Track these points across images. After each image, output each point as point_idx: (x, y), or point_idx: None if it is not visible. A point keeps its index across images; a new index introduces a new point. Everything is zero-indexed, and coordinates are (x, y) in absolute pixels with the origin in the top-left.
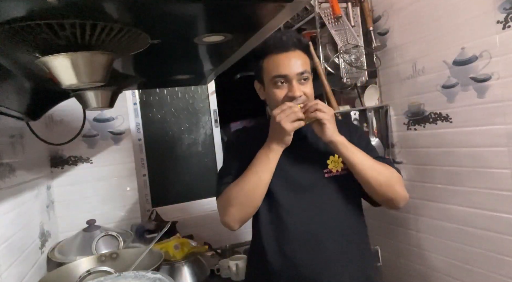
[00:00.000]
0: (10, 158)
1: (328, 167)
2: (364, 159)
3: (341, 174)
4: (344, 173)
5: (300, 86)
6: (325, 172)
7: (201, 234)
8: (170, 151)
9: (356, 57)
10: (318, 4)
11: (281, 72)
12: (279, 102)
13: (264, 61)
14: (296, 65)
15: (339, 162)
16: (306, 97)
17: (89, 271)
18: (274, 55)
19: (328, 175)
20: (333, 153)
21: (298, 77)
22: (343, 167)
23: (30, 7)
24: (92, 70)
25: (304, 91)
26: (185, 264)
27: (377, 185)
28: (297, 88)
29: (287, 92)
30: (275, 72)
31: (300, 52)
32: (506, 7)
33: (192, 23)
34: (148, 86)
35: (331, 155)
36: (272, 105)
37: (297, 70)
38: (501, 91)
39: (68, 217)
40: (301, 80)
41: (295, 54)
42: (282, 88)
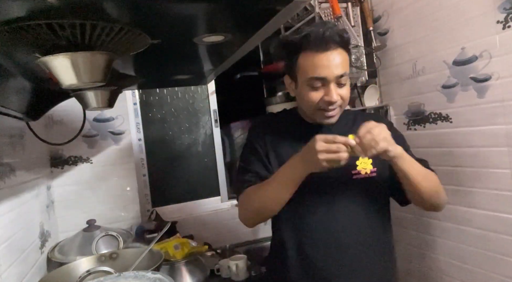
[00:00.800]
0: (10, 158)
1: (357, 168)
2: (419, 171)
3: (370, 177)
4: (374, 175)
5: (338, 89)
6: (354, 173)
7: (201, 234)
8: (170, 151)
9: (356, 57)
10: (318, 4)
11: (319, 75)
12: (313, 105)
13: (300, 58)
14: (336, 67)
15: (368, 163)
16: (343, 101)
17: (89, 271)
18: (313, 53)
19: (356, 177)
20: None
21: (337, 80)
22: (372, 169)
23: (30, 7)
24: (92, 70)
25: (341, 94)
26: (185, 264)
27: (427, 195)
28: (335, 92)
29: (323, 96)
30: (312, 73)
31: (341, 50)
32: (506, 7)
33: (192, 23)
34: (148, 86)
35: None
36: (304, 106)
37: (337, 73)
38: (501, 91)
39: (68, 217)
40: (339, 83)
41: (335, 54)
42: (318, 91)
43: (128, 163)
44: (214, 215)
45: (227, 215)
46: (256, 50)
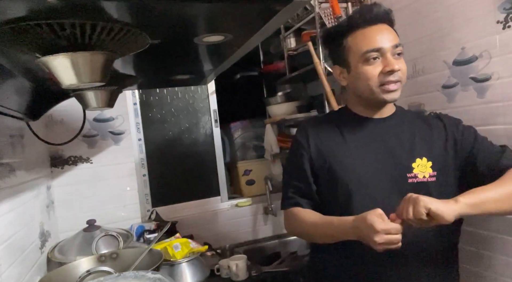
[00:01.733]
0: (10, 158)
1: (414, 171)
2: (495, 201)
3: (429, 181)
4: (433, 180)
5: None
6: (409, 177)
7: (201, 234)
8: (170, 151)
9: None
10: (318, 4)
11: (375, 45)
12: (374, 81)
13: (349, 39)
14: (390, 37)
15: (427, 166)
16: (403, 74)
17: (89, 271)
18: (363, 29)
19: (412, 180)
20: (421, 155)
21: (392, 50)
22: (431, 173)
23: (30, 7)
24: (92, 70)
25: (400, 66)
26: (185, 264)
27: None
28: (393, 62)
29: (383, 68)
30: (367, 46)
31: (388, 26)
32: (506, 7)
33: (192, 23)
34: (148, 86)
35: (419, 157)
36: (363, 86)
37: (392, 42)
38: (501, 91)
39: (68, 217)
40: (395, 55)
41: (386, 27)
42: (375, 64)
43: (128, 163)
44: (214, 215)
45: (227, 215)
46: (256, 50)
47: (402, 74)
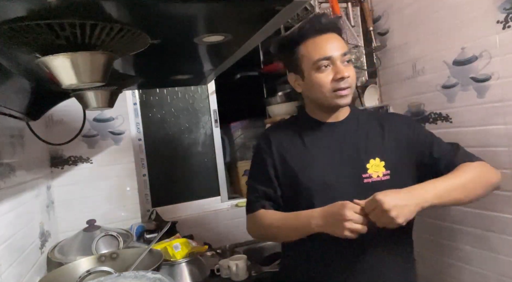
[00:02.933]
0: (10, 158)
1: (368, 171)
2: (455, 190)
3: (382, 180)
4: (387, 178)
5: (344, 68)
6: (365, 177)
7: (201, 234)
8: (170, 151)
9: (356, 57)
10: (318, 4)
11: (325, 54)
12: (326, 88)
13: (302, 48)
14: (339, 46)
15: (380, 166)
16: (352, 81)
17: (89, 271)
18: (314, 38)
19: (367, 181)
20: (374, 156)
21: (342, 58)
22: (384, 172)
23: (30, 7)
24: (92, 70)
25: (349, 73)
26: (185, 264)
27: (477, 197)
28: (342, 69)
29: (334, 75)
30: (318, 55)
31: (336, 35)
32: (506, 7)
33: (192, 23)
34: (148, 86)
35: (372, 158)
36: (316, 93)
37: (341, 51)
38: (501, 91)
39: (68, 217)
40: (344, 62)
41: (335, 36)
42: (327, 72)
43: (128, 163)
44: (214, 215)
45: (227, 215)
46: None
47: (352, 80)
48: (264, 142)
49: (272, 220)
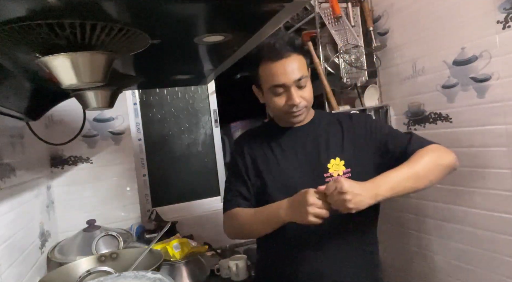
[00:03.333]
0: (10, 158)
1: (329, 171)
2: (408, 180)
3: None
4: (348, 176)
5: (299, 92)
6: (326, 177)
7: (201, 234)
8: (170, 151)
9: (356, 57)
10: (318, 4)
11: (279, 82)
12: (280, 110)
13: (260, 69)
14: (293, 72)
15: (340, 165)
16: (306, 102)
17: (89, 271)
18: (270, 63)
19: (329, 180)
20: (335, 156)
21: (295, 84)
22: (344, 170)
23: (30, 7)
24: (92, 70)
25: (303, 96)
26: (185, 264)
27: (431, 183)
28: (296, 96)
29: (287, 100)
30: (272, 82)
31: (296, 55)
32: (506, 7)
33: (192, 23)
34: (148, 86)
35: (332, 158)
36: (273, 110)
37: (294, 78)
38: (501, 91)
39: (68, 217)
40: (300, 86)
41: (290, 60)
42: (281, 96)
43: (128, 163)
44: (214, 215)
45: None
46: None
47: (306, 101)
48: (236, 149)
49: (246, 215)
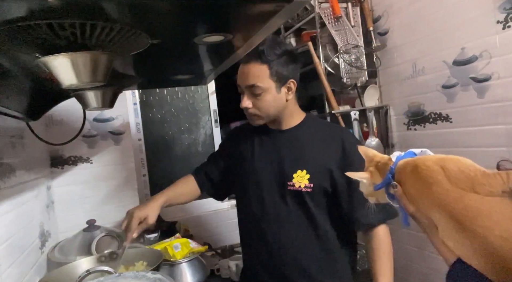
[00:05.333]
0: (10, 158)
1: (293, 180)
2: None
3: (303, 191)
4: (308, 191)
5: (253, 98)
6: (289, 185)
7: (201, 234)
8: (170, 151)
9: (356, 57)
10: (318, 4)
11: (238, 82)
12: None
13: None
14: (246, 78)
15: (305, 178)
16: (256, 110)
17: (89, 271)
18: (241, 64)
19: (290, 188)
20: (302, 167)
21: (248, 89)
22: (307, 185)
23: (30, 7)
24: (92, 70)
25: (255, 103)
26: (185, 264)
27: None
28: (244, 100)
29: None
30: (237, 80)
31: (256, 63)
32: (506, 7)
33: (192, 23)
34: (148, 86)
35: (300, 169)
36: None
37: (245, 83)
38: (501, 91)
39: (68, 217)
40: (253, 93)
41: (249, 66)
42: (242, 97)
43: (128, 163)
44: (214, 215)
45: (227, 215)
46: None
47: (257, 109)
48: (227, 137)
49: (182, 183)
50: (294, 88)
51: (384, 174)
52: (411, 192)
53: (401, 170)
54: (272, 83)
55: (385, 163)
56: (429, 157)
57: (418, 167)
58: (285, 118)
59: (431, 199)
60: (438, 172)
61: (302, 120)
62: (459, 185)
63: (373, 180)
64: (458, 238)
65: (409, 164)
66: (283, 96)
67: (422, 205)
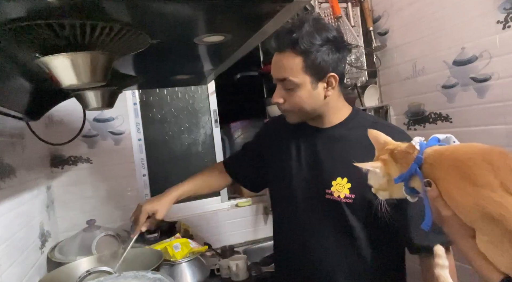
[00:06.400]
0: (10, 158)
1: (331, 188)
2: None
3: (342, 202)
4: (349, 201)
5: (284, 92)
6: (327, 193)
7: (201, 234)
8: (170, 151)
9: (356, 57)
10: (318, 4)
11: (272, 74)
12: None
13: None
14: (278, 70)
15: (345, 187)
16: (289, 106)
17: (89, 271)
18: (274, 54)
19: (329, 197)
20: (343, 175)
21: (280, 82)
22: (347, 195)
23: (30, 7)
24: (92, 70)
25: (288, 99)
26: (185, 264)
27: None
28: (276, 94)
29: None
30: (272, 72)
31: (290, 52)
32: (506, 7)
33: (192, 23)
34: (148, 86)
35: (340, 176)
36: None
37: (276, 76)
38: (501, 91)
39: (68, 217)
40: (285, 87)
41: (281, 56)
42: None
43: (128, 163)
44: (214, 215)
45: (227, 215)
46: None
47: (289, 105)
48: (265, 127)
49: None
50: (335, 83)
51: (403, 164)
52: (450, 192)
53: (433, 161)
54: (307, 78)
55: (405, 151)
56: (470, 148)
57: (462, 162)
58: (326, 115)
59: (480, 205)
60: (489, 170)
61: (347, 117)
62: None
63: (388, 170)
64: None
65: (444, 155)
66: (321, 92)
67: (463, 209)
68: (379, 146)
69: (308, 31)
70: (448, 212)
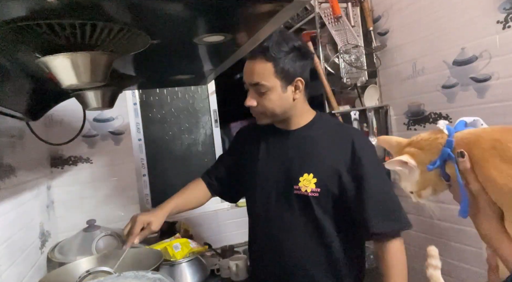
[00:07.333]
0: (10, 158)
1: (299, 184)
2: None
3: (309, 195)
4: (315, 195)
5: (257, 96)
6: (295, 188)
7: (201, 234)
8: (170, 151)
9: (356, 57)
10: (318, 4)
11: (244, 78)
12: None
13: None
14: (250, 75)
15: (311, 182)
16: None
17: (89, 271)
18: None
19: (297, 192)
20: (309, 171)
21: (252, 87)
22: (314, 189)
23: (30, 7)
24: (92, 70)
25: (260, 102)
26: (185, 264)
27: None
28: (249, 98)
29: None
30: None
31: (261, 59)
32: (506, 7)
33: (192, 23)
34: (148, 86)
35: (306, 172)
36: None
37: (249, 80)
38: (501, 91)
39: (68, 217)
40: (258, 91)
41: (254, 63)
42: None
43: (128, 163)
44: (214, 215)
45: (227, 215)
46: None
47: (263, 108)
48: (236, 136)
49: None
50: (302, 86)
51: (432, 150)
52: (488, 172)
53: (468, 143)
54: (278, 82)
55: (434, 138)
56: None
57: (502, 143)
58: (293, 118)
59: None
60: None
61: (311, 120)
62: None
63: (417, 160)
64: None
65: (481, 137)
66: (290, 95)
67: (500, 190)
68: (395, 148)
69: (277, 40)
70: (477, 186)
